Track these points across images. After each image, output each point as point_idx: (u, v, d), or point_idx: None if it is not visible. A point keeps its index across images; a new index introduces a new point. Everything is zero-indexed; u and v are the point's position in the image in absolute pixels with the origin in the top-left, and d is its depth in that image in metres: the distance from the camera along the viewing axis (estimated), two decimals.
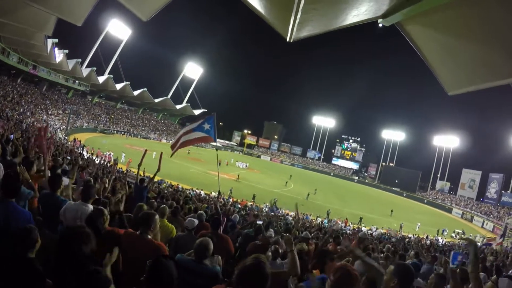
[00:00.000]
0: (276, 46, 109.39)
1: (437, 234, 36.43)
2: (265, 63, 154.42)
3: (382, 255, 8.15)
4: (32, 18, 28.92)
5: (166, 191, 16.60)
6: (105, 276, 2.25)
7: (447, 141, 79.77)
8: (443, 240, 31.02)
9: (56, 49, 47.30)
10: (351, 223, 32.45)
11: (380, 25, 3.55)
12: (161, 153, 9.40)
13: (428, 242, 23.52)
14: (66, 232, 2.33)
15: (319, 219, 29.93)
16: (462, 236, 38.65)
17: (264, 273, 2.15)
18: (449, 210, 63.11)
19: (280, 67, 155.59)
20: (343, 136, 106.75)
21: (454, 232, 39.92)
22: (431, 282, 3.57)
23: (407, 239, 22.49)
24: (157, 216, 3.79)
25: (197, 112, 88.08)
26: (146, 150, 9.46)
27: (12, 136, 13.14)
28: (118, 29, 66.41)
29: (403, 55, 75.93)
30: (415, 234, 30.85)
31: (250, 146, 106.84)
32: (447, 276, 4.04)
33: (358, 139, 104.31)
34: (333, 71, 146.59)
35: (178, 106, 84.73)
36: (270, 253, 4.44)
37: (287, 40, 4.13)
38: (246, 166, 61.40)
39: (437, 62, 4.07)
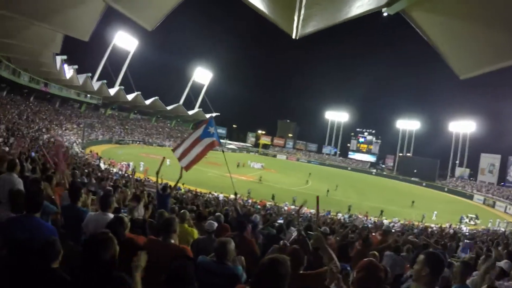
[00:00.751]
0: (283, 44, 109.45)
1: (460, 222, 35.80)
2: (274, 62, 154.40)
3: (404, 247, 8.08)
4: (38, 37, 29.40)
5: (185, 196, 16.75)
6: (130, 282, 2.30)
7: (463, 126, 78.49)
8: (466, 228, 30.42)
9: (65, 65, 48.20)
10: (373, 216, 32.14)
11: (385, 14, 3.52)
12: (163, 158, 9.50)
13: (451, 231, 23.17)
14: (89, 239, 2.38)
15: (340, 215, 29.75)
16: (476, 221, 38.04)
17: (280, 272, 2.17)
18: (470, 197, 62.11)
19: (289, 65, 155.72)
20: (357, 129, 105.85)
21: (467, 217, 39.19)
22: (456, 271, 3.53)
23: (429, 230, 22.14)
24: (177, 220, 3.84)
25: (209, 116, 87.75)
26: (164, 158, 9.55)
27: (33, 154, 13.43)
28: (125, 40, 67.33)
29: (412, 43, 75.09)
30: (437, 224, 30.36)
31: (265, 146, 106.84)
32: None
33: (373, 131, 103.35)
34: (342, 65, 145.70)
35: (190, 112, 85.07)
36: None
37: (293, 37, 4.14)
38: (261, 166, 61.31)
39: (446, 47, 4.02)
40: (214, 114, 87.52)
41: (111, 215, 4.11)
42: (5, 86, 44.28)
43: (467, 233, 24.03)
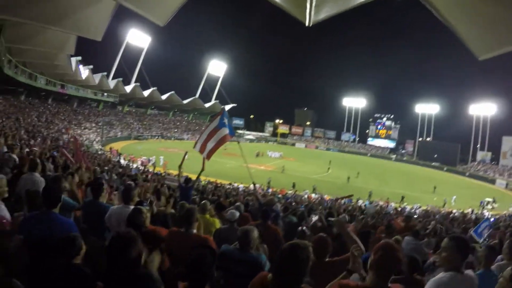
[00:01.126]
0: (298, 32, 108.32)
1: (482, 207, 34.95)
2: (289, 51, 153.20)
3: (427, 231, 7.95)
4: (52, 41, 30.04)
5: (205, 188, 16.89)
6: (157, 279, 2.28)
7: (484, 109, 75.56)
8: (489, 213, 29.70)
9: (80, 66, 48.77)
10: (394, 202, 31.80)
11: None
12: (186, 152, 9.56)
13: (473, 216, 22.76)
14: (114, 238, 2.37)
15: (360, 201, 29.52)
16: (494, 204, 37.01)
17: (300, 257, 2.19)
18: (493, 181, 60.32)
19: (304, 53, 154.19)
20: (376, 115, 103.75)
21: (484, 201, 38.18)
22: (481, 255, 3.42)
23: (451, 215, 21.77)
24: (197, 210, 3.82)
25: (227, 108, 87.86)
26: (186, 152, 9.62)
27: (55, 153, 13.66)
28: (137, 38, 67.84)
29: (428, 25, 73.31)
30: (460, 209, 29.81)
31: (283, 135, 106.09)
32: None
33: (392, 117, 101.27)
34: (358, 50, 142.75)
35: (207, 105, 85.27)
36: None
37: (306, 24, 4.04)
38: (280, 155, 61.17)
39: (463, 27, 3.87)
40: (230, 105, 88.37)
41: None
42: (22, 90, 45.30)
43: (492, 219, 23.54)
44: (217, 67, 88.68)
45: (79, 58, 45.88)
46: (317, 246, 3.30)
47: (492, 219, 24.67)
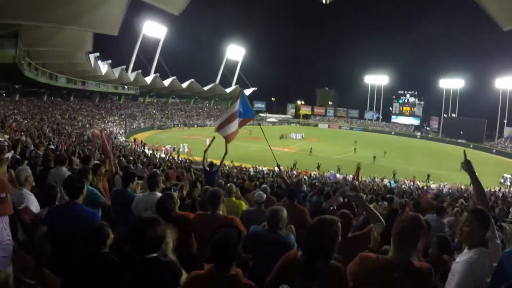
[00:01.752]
0: (316, 10, 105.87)
1: (502, 184, 33.88)
2: (308, 31, 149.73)
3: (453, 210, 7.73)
4: (69, 40, 30.66)
5: (230, 171, 17.03)
6: (177, 267, 2.31)
7: (511, 82, 71.79)
8: None
9: (99, 61, 49.80)
10: (420, 181, 31.31)
11: None
12: (213, 138, 9.53)
13: (500, 194, 22.25)
14: (134, 222, 2.36)
15: (386, 181, 29.22)
16: None
17: (328, 232, 2.20)
18: None
19: (323, 31, 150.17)
20: (399, 92, 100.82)
21: (503, 177, 37.10)
22: (510, 233, 3.28)
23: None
24: (223, 192, 3.81)
25: (247, 92, 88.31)
26: (214, 138, 9.59)
27: (82, 147, 14.01)
28: (154, 29, 68.01)
29: None
30: (487, 188, 29.01)
31: (305, 116, 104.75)
32: None
33: (415, 93, 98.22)
34: (379, 27, 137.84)
35: (227, 90, 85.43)
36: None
37: (323, 1, 3.91)
38: (302, 136, 61.04)
39: None
40: (251, 89, 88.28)
41: (159, 194, 4.10)
42: (44, 91, 46.70)
43: None
44: (235, 52, 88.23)
45: (97, 54, 46.86)
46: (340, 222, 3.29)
47: None
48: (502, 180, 36.53)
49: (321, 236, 2.20)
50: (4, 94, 40.79)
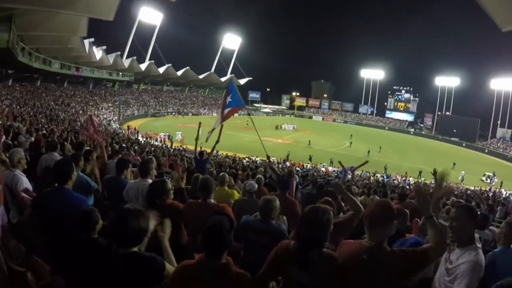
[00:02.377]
0: (314, 2, 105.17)
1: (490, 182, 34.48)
2: (305, 22, 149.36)
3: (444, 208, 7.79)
4: (64, 25, 30.29)
5: (223, 161, 17.04)
6: (159, 262, 2.24)
7: (507, 83, 71.69)
8: (506, 192, 29.00)
9: (94, 47, 49.23)
10: (412, 177, 31.58)
11: None
12: (199, 123, 9.55)
13: (490, 194, 22.45)
14: (119, 212, 2.31)
15: (378, 175, 29.39)
16: (494, 179, 36.13)
17: (321, 220, 2.22)
18: None
19: (321, 24, 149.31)
20: (394, 87, 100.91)
21: (484, 175, 37.84)
22: (500, 232, 3.31)
23: (468, 191, 21.48)
24: (214, 181, 3.81)
25: (242, 81, 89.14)
26: (200, 123, 9.60)
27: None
28: (149, 15, 67.41)
29: None
30: (478, 187, 29.29)
31: (300, 108, 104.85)
32: None
33: (411, 89, 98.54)
34: (377, 21, 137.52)
35: (223, 79, 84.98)
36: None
37: None
38: (293, 128, 61.28)
39: None
40: (246, 79, 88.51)
41: (150, 181, 4.06)
42: (38, 76, 46.19)
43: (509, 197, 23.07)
44: (232, 41, 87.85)
45: (92, 39, 46.34)
46: None
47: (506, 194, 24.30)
48: (483, 178, 37.26)
49: (314, 225, 2.21)
50: None
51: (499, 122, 74.14)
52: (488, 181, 36.18)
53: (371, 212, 2.34)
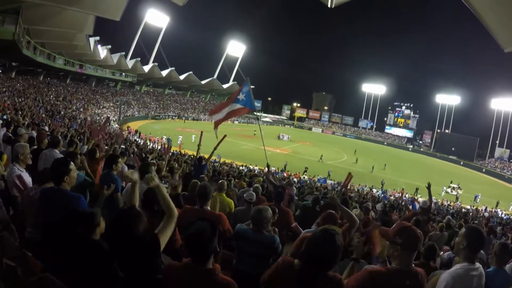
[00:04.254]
0: (319, 15, 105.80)
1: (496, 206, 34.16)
2: (309, 34, 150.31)
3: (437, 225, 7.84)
4: (71, 21, 30.35)
5: (220, 168, 17.01)
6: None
7: (507, 103, 72.26)
8: (502, 212, 29.04)
9: (99, 46, 49.27)
10: (408, 194, 31.57)
11: None
12: (201, 132, 9.62)
13: (486, 214, 22.45)
14: (119, 214, 2.33)
15: (374, 190, 29.40)
16: (459, 191, 36.48)
17: (336, 244, 2.13)
18: (509, 180, 57.99)
19: (325, 36, 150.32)
20: (395, 103, 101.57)
21: (449, 187, 38.24)
22: (494, 252, 3.35)
23: (463, 210, 21.50)
24: (212, 188, 3.83)
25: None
26: (202, 132, 9.69)
27: (74, 125, 13.88)
28: (156, 18, 67.47)
29: (454, 14, 70.86)
30: (473, 206, 29.30)
31: (300, 119, 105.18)
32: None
33: (411, 106, 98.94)
34: (381, 36, 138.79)
35: (225, 86, 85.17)
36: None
37: (328, 5, 3.94)
38: (288, 138, 61.13)
39: (491, 17, 3.72)
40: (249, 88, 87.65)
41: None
42: (41, 71, 46.03)
43: (505, 217, 23.10)
44: (236, 48, 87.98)
45: (98, 38, 46.38)
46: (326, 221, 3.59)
47: (505, 217, 24.29)
48: (448, 190, 37.44)
49: (329, 248, 2.12)
50: (0, 71, 40.29)
51: (497, 141, 74.55)
52: (454, 192, 36.79)
53: (404, 241, 2.39)
